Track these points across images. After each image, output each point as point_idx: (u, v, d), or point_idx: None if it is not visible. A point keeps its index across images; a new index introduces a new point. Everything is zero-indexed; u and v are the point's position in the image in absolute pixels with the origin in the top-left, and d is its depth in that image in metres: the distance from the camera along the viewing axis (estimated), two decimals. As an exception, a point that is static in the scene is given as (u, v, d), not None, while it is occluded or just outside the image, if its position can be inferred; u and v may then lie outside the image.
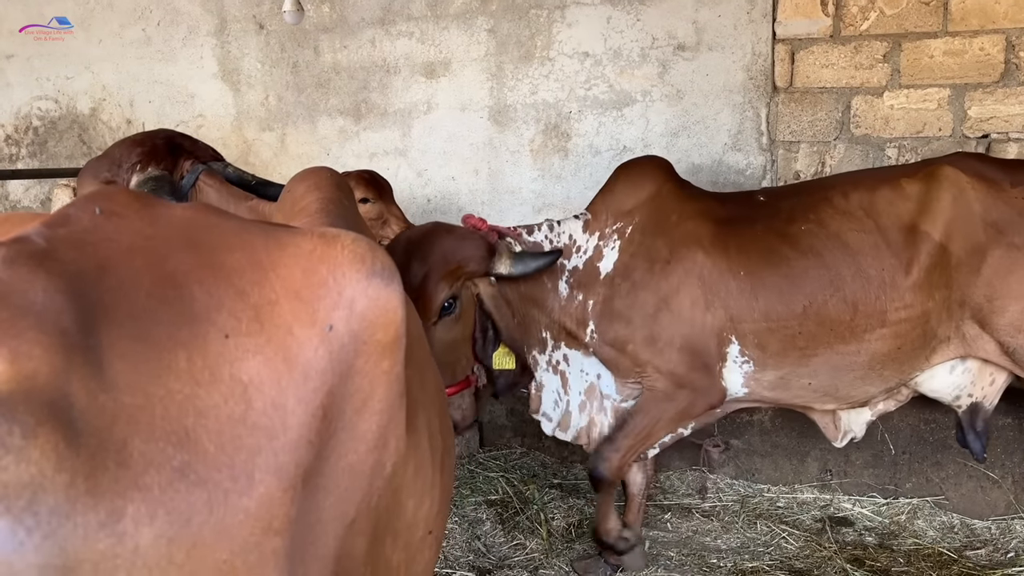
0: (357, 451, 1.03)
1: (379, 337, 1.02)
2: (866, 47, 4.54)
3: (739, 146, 4.76)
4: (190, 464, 0.82)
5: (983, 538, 3.57)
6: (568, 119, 5.14)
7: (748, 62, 4.75)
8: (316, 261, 0.99)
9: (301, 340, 0.94)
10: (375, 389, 1.03)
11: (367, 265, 1.01)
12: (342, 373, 0.98)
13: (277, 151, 5.83)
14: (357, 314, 0.99)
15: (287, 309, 0.94)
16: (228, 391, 0.87)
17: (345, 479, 1.01)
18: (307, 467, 0.93)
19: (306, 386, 0.93)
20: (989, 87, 4.32)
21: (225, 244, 0.97)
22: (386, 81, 5.51)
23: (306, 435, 0.92)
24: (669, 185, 3.21)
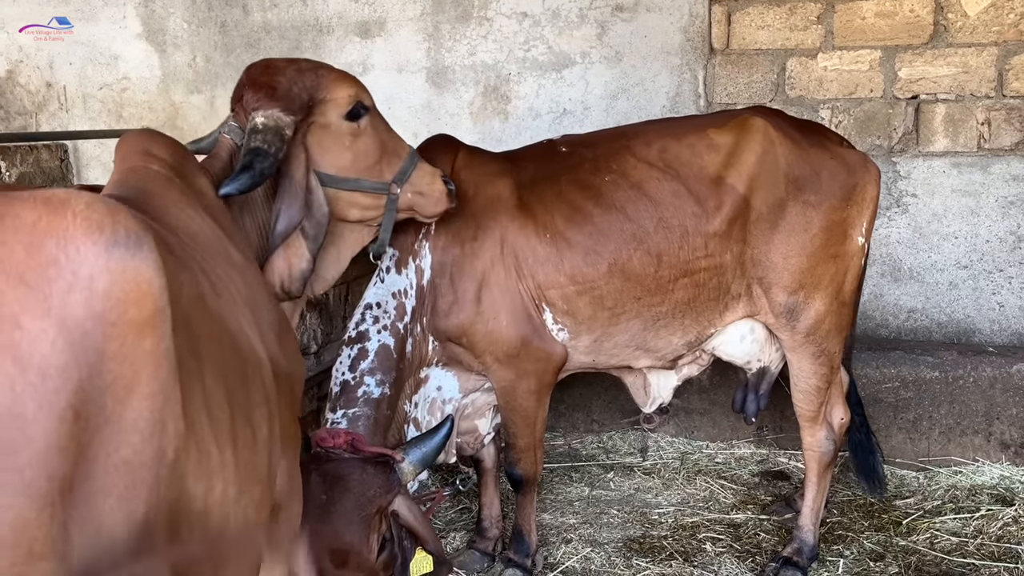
0: (131, 443, 0.90)
1: (132, 315, 0.88)
2: (801, 8, 4.58)
3: (677, 108, 4.78)
4: None
5: (912, 487, 3.72)
6: (507, 81, 5.08)
7: (686, 23, 4.75)
8: (41, 235, 0.83)
9: (33, 334, 0.80)
10: (139, 372, 0.90)
11: (106, 234, 0.86)
12: (90, 364, 0.84)
13: (207, 114, 5.63)
14: (99, 293, 0.85)
15: (11, 298, 0.80)
16: None
17: (122, 477, 0.89)
18: (65, 476, 0.81)
19: (46, 387, 0.80)
20: (919, 49, 4.41)
21: None
22: (319, 41, 5.36)
23: (56, 442, 0.80)
24: (461, 159, 3.02)
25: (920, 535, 3.31)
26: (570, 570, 3.15)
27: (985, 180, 4.36)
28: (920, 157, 4.45)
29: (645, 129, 3.17)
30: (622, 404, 4.24)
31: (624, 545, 3.33)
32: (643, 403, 3.35)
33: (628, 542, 3.35)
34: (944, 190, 4.40)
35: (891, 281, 4.54)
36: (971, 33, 4.32)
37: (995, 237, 4.37)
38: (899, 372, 3.93)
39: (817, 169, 2.97)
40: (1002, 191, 4.34)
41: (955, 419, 3.87)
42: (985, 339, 4.39)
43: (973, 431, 3.86)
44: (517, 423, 3.01)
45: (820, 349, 3.01)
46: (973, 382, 3.84)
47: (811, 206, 2.94)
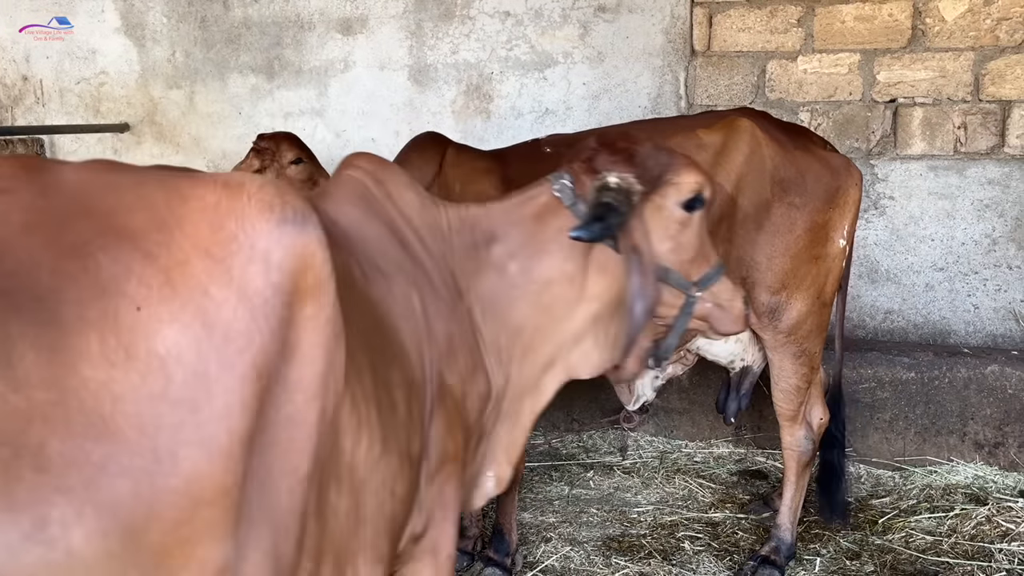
0: (294, 401, 1.00)
1: (301, 284, 0.99)
2: (781, 11, 4.61)
3: (659, 109, 4.80)
4: (111, 456, 0.79)
5: (887, 487, 3.76)
6: (490, 80, 5.08)
7: (667, 25, 4.77)
8: (223, 214, 0.93)
9: (219, 301, 0.89)
10: (304, 336, 1.00)
11: (276, 212, 0.97)
12: (269, 328, 0.94)
13: (186, 110, 5.59)
14: (274, 265, 0.95)
15: (199, 270, 0.89)
16: (146, 368, 0.82)
17: (287, 432, 0.99)
18: (245, 432, 0.90)
19: (228, 349, 0.88)
20: (897, 52, 4.46)
21: (124, 205, 0.90)
22: (300, 37, 5.33)
23: (237, 400, 0.89)
24: (450, 156, 3.07)
25: (895, 534, 3.34)
26: (549, 569, 3.16)
27: (961, 183, 4.41)
28: (898, 160, 4.49)
29: (633, 128, 3.18)
30: (602, 403, 4.25)
31: (603, 544, 3.34)
32: (627, 401, 3.37)
33: (607, 541, 3.36)
34: (921, 193, 4.45)
35: (868, 283, 4.58)
36: (948, 38, 4.37)
37: (970, 240, 4.42)
38: (876, 372, 3.97)
39: (802, 171, 3.00)
40: (977, 194, 4.39)
41: (930, 419, 3.91)
42: (960, 340, 4.44)
43: (948, 431, 3.91)
44: None
45: (801, 349, 3.04)
46: (948, 383, 3.88)
47: (795, 208, 2.97)
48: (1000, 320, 4.45)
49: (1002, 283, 4.39)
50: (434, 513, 1.67)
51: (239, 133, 5.36)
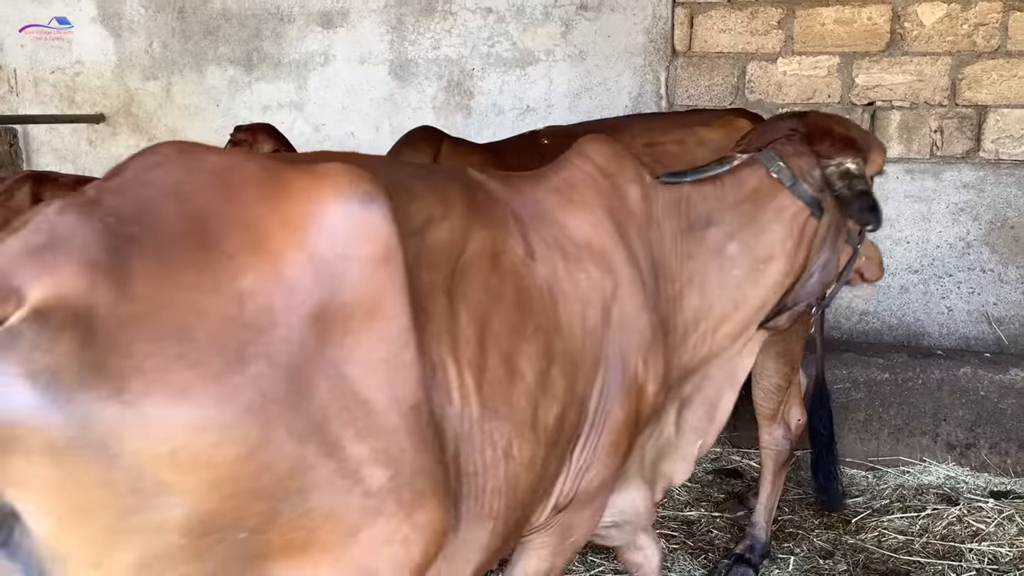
0: (382, 348, 1.22)
1: (367, 252, 1.20)
2: (762, 13, 4.63)
3: (639, 109, 4.80)
4: (186, 352, 1.04)
5: (861, 486, 3.79)
6: (471, 76, 5.06)
7: (649, 24, 4.78)
8: (306, 196, 1.19)
9: (290, 261, 1.15)
10: (379, 295, 1.21)
11: (346, 194, 1.20)
12: (331, 286, 1.17)
13: (162, 101, 5.53)
14: (340, 238, 1.18)
15: (279, 237, 1.15)
16: (226, 298, 1.09)
17: (379, 367, 1.21)
18: (301, 357, 1.13)
19: (293, 296, 1.14)
20: (875, 56, 4.49)
21: (244, 182, 1.20)
22: (280, 30, 5.29)
23: (296, 335, 1.13)
24: (445, 150, 3.07)
25: (868, 533, 3.37)
26: (525, 567, 3.15)
27: (937, 187, 4.45)
28: (875, 163, 4.53)
29: (631, 123, 3.18)
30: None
31: (579, 542, 3.34)
32: None
33: (583, 539, 3.37)
34: (897, 195, 4.49)
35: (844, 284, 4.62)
36: (926, 42, 4.41)
37: (945, 243, 4.47)
38: (851, 373, 4.00)
39: None
40: (952, 198, 4.44)
41: (904, 420, 3.95)
42: (934, 342, 4.49)
43: (921, 432, 3.95)
44: None
45: (784, 348, 3.06)
46: (922, 384, 3.92)
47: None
48: (973, 323, 4.50)
49: (976, 286, 4.45)
50: (579, 495, 1.79)
51: (217, 125, 5.30)
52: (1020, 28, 4.28)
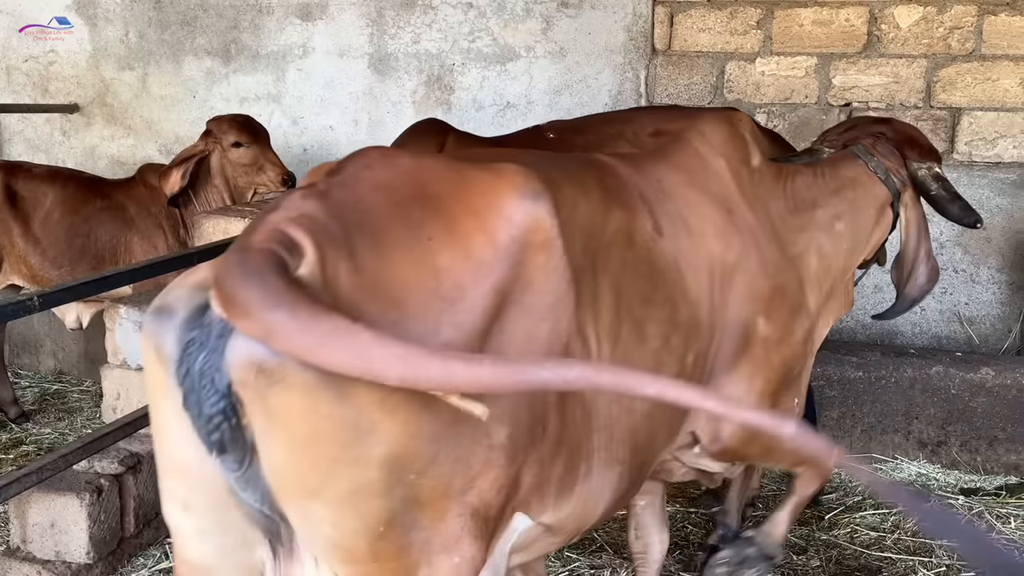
0: (529, 320, 1.42)
1: (532, 239, 1.42)
2: (741, 13, 4.66)
3: (619, 107, 4.81)
4: (399, 320, 1.26)
5: (834, 483, 3.83)
6: (451, 71, 5.04)
7: (629, 22, 4.79)
8: (488, 190, 1.43)
9: (476, 243, 1.36)
10: (535, 275, 1.43)
11: (520, 190, 1.43)
12: (509, 266, 1.39)
13: (138, 92, 5.46)
14: (515, 225, 1.41)
15: (468, 223, 1.38)
16: (428, 274, 1.31)
17: (520, 337, 1.41)
18: (481, 325, 1.34)
19: (478, 273, 1.35)
20: (852, 57, 4.54)
21: (435, 179, 1.44)
22: (258, 21, 5.24)
23: (479, 305, 1.35)
24: (450, 144, 3.08)
25: (841, 530, 3.41)
26: (502, 562, 3.16)
27: (911, 188, 4.50)
28: (851, 163, 4.58)
29: (638, 114, 3.25)
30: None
31: (556, 538, 3.35)
32: None
33: (560, 535, 3.38)
34: (872, 196, 4.54)
35: (820, 283, 4.67)
36: (902, 44, 4.46)
37: (919, 243, 4.52)
38: (824, 371, 4.04)
39: None
40: (926, 199, 4.49)
41: (877, 417, 4.00)
42: (906, 341, 4.55)
43: (893, 429, 3.99)
44: None
45: None
46: (895, 382, 3.97)
47: None
48: (945, 322, 4.56)
49: (948, 286, 4.50)
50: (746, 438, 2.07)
51: (193, 117, 5.25)
52: (994, 32, 4.34)
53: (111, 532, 2.87)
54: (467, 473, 1.35)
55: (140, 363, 3.13)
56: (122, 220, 4.20)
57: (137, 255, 4.14)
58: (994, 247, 4.49)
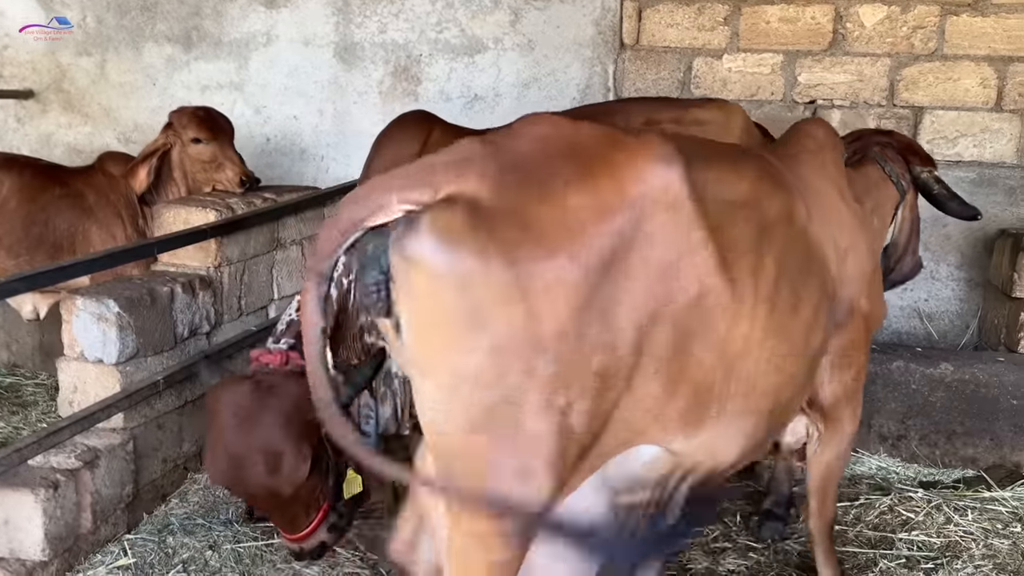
0: (647, 270, 1.62)
1: (661, 198, 1.64)
2: (709, 9, 4.68)
3: (587, 101, 4.81)
4: (525, 242, 1.52)
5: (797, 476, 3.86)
6: (418, 62, 5.00)
7: (598, 16, 4.78)
8: (630, 151, 1.67)
9: (604, 191, 1.60)
10: (659, 231, 1.62)
11: (656, 155, 1.67)
12: (632, 216, 1.60)
13: (96, 78, 5.32)
14: (645, 183, 1.64)
15: (603, 174, 1.62)
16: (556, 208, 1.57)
17: (639, 284, 1.61)
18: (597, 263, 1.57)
19: (602, 215, 1.58)
20: (818, 55, 4.58)
21: (586, 139, 1.70)
22: (221, 7, 5.14)
23: (597, 243, 1.57)
24: (435, 136, 3.06)
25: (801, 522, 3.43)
26: (468, 557, 3.14)
27: (874, 185, 4.56)
28: (815, 160, 4.62)
29: (629, 105, 3.34)
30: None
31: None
32: None
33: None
34: (836, 193, 4.59)
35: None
36: (867, 43, 4.51)
37: (880, 240, 4.58)
38: (789, 366, 4.06)
39: None
40: (888, 196, 4.55)
41: (839, 412, 4.04)
42: (868, 337, 4.60)
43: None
44: None
45: None
46: (856, 377, 4.01)
47: None
48: (906, 318, 4.64)
49: (908, 283, 4.57)
50: (840, 399, 2.40)
51: (153, 105, 5.14)
52: (956, 32, 4.41)
53: (67, 529, 2.79)
54: (560, 391, 1.53)
55: (98, 356, 3.07)
56: (80, 209, 4.09)
57: (95, 244, 4.04)
58: (953, 244, 4.57)
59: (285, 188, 4.42)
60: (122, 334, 3.05)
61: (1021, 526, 3.33)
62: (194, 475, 3.51)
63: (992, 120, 4.49)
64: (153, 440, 3.26)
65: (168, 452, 3.36)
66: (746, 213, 1.83)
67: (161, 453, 3.32)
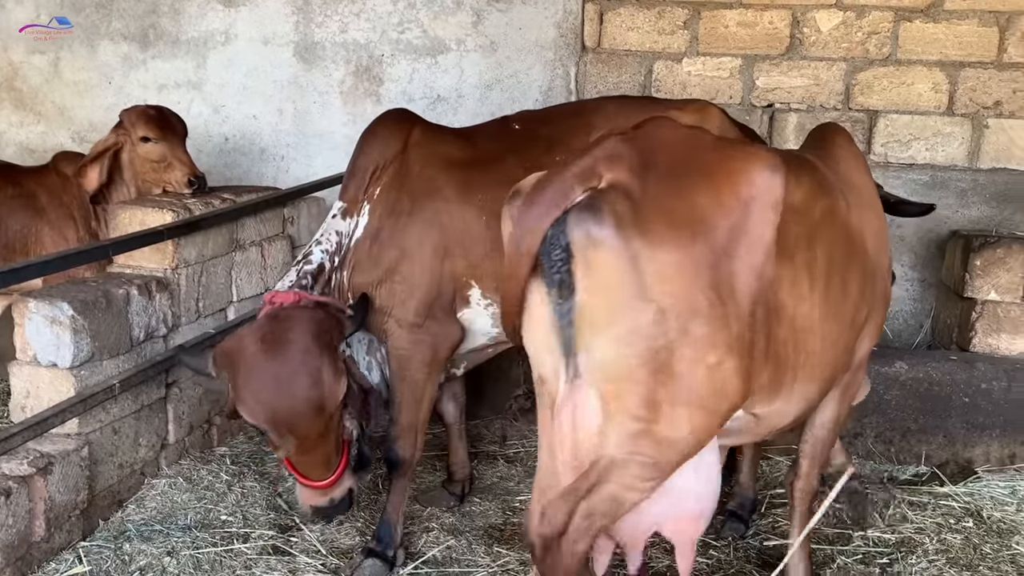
0: (755, 256, 1.95)
1: (765, 199, 1.97)
2: (669, 13, 4.72)
3: (550, 103, 4.82)
4: (664, 229, 1.87)
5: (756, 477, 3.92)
6: (380, 63, 4.97)
7: (560, 19, 4.80)
8: (742, 163, 2.01)
9: (725, 192, 1.94)
10: (753, 224, 1.96)
11: (766, 164, 2.01)
12: (742, 212, 1.94)
13: (49, 77, 5.22)
14: (755, 187, 1.97)
15: (725, 185, 1.95)
16: (687, 204, 1.92)
17: (742, 263, 1.93)
18: (719, 247, 1.90)
19: (722, 211, 1.92)
20: (775, 59, 4.65)
21: (706, 146, 2.10)
22: (178, 6, 5.07)
23: (719, 234, 1.90)
24: (415, 135, 3.13)
25: (762, 520, 3.48)
26: (431, 560, 3.12)
27: (830, 187, 4.64)
28: (774, 162, 4.69)
29: (604, 104, 3.32)
30: (489, 398, 4.27)
31: (485, 533, 3.33)
32: None
33: (489, 530, 3.36)
34: (794, 195, 4.66)
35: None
36: (823, 48, 4.59)
37: (837, 241, 4.66)
38: (749, 366, 4.12)
39: None
40: (845, 198, 4.63)
41: (797, 411, 4.10)
42: (825, 336, 4.68)
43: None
44: (405, 396, 3.02)
45: None
46: (814, 376, 4.07)
47: None
48: (861, 318, 4.72)
49: (864, 283, 4.66)
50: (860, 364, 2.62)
51: (108, 104, 5.04)
52: (909, 38, 4.51)
53: (19, 537, 2.73)
54: (711, 349, 1.88)
55: (51, 360, 3.00)
56: (33, 209, 4.00)
57: (47, 246, 3.95)
58: (907, 246, 4.67)
59: (244, 188, 4.36)
60: (76, 337, 2.99)
61: (973, 521, 3.40)
62: (152, 480, 3.45)
63: (944, 124, 4.59)
64: (109, 445, 3.20)
65: (124, 457, 3.30)
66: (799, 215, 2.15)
67: (117, 458, 3.25)
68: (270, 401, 2.58)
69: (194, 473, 3.57)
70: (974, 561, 3.12)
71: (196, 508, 3.32)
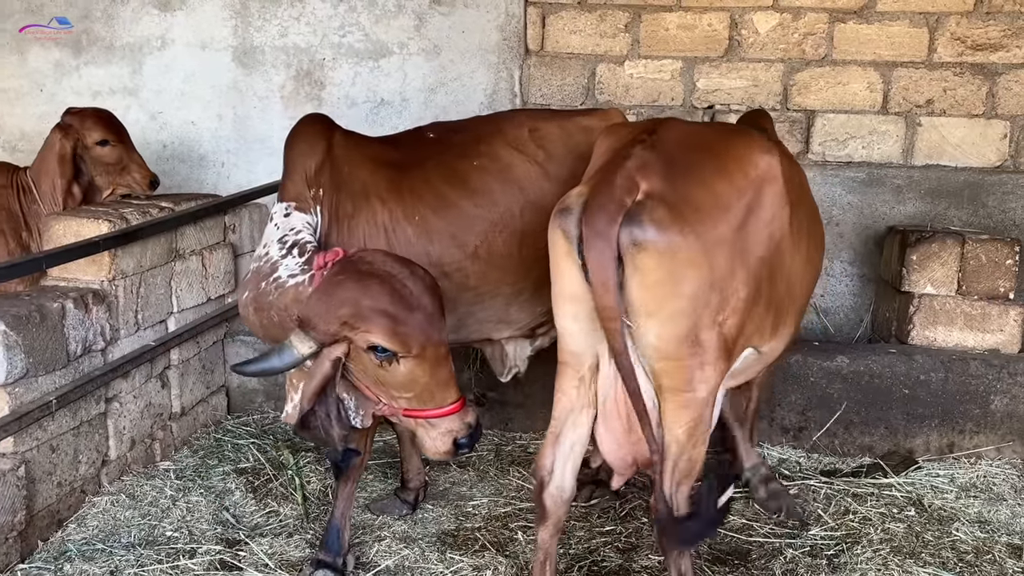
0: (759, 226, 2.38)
1: (768, 175, 2.42)
2: (610, 16, 4.76)
3: (495, 106, 4.83)
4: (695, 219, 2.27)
5: (706, 471, 3.96)
6: (322, 66, 4.92)
7: (502, 22, 4.80)
8: (744, 145, 2.49)
9: (737, 177, 2.37)
10: (765, 199, 2.40)
11: (762, 147, 2.49)
12: (753, 191, 2.38)
13: (-24, 84, 5.04)
14: (758, 167, 2.42)
15: (733, 165, 2.40)
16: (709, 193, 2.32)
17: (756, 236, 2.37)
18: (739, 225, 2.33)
19: (737, 194, 2.35)
20: (715, 61, 4.72)
21: (714, 136, 2.63)
22: (112, 11, 4.94)
23: (737, 214, 2.33)
24: (338, 138, 3.16)
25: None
26: (384, 569, 3.09)
27: (771, 186, 4.73)
28: (716, 163, 4.76)
29: (516, 114, 3.45)
30: (436, 398, 4.23)
31: (438, 539, 3.31)
32: (500, 372, 3.47)
33: (442, 536, 3.34)
34: (736, 194, 4.73)
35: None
36: (761, 49, 4.67)
37: (779, 239, 4.75)
38: (696, 364, 4.16)
39: None
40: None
41: (744, 407, 4.15)
42: (769, 333, 4.76)
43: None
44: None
45: None
46: (760, 372, 4.14)
47: None
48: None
49: (806, 279, 4.75)
50: None
51: (40, 111, 4.90)
52: (844, 39, 4.62)
53: (-48, 563, 2.63)
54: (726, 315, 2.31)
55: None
56: (-40, 222, 3.87)
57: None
58: (846, 242, 4.78)
59: (183, 196, 4.26)
60: (9, 353, 2.89)
61: (915, 510, 3.49)
62: (92, 498, 3.35)
63: (879, 122, 4.71)
64: (46, 463, 3.10)
65: (63, 475, 3.20)
66: (792, 179, 2.56)
67: (56, 477, 3.15)
68: (426, 306, 2.53)
69: (137, 489, 3.48)
70: (916, 549, 3.20)
71: (140, 525, 3.24)
